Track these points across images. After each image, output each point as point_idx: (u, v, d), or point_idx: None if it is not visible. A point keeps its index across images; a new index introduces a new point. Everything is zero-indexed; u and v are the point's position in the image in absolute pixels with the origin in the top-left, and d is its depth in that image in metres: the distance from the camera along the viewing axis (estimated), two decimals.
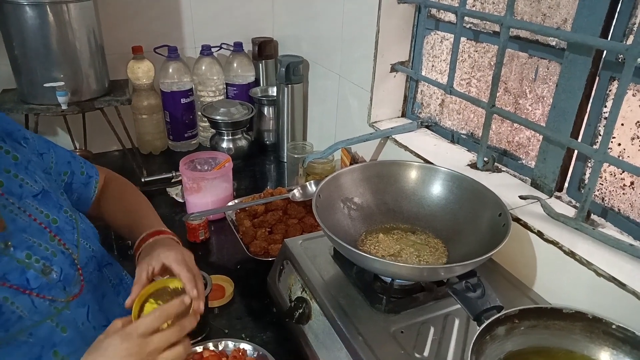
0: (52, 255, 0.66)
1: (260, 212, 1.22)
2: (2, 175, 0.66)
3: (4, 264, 0.59)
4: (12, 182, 0.67)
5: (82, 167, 0.87)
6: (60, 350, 0.61)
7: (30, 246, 0.63)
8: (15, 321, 0.57)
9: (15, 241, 0.62)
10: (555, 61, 0.94)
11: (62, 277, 0.66)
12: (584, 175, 0.92)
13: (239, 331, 0.95)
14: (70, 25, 1.29)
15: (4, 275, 0.59)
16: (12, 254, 0.61)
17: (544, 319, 0.68)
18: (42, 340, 0.60)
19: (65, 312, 0.64)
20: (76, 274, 0.69)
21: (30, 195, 0.69)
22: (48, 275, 0.64)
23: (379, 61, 1.26)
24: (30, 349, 0.58)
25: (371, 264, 0.76)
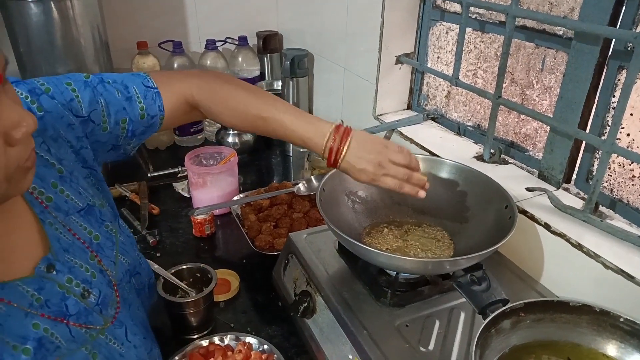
0: (91, 276, 0.63)
1: (265, 206, 1.22)
2: (50, 190, 0.63)
3: (47, 290, 0.57)
4: (59, 197, 0.64)
5: (141, 110, 0.77)
6: None
7: (71, 268, 0.61)
8: (53, 351, 0.55)
9: (59, 265, 0.60)
10: (562, 51, 0.93)
11: (100, 301, 0.63)
12: (592, 166, 0.90)
13: (244, 325, 0.95)
14: (74, 21, 1.29)
15: (46, 303, 0.56)
16: (54, 278, 0.59)
17: (550, 312, 0.67)
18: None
19: (100, 337, 0.62)
20: (113, 294, 0.67)
21: (75, 212, 0.66)
22: (86, 299, 0.62)
23: (384, 53, 1.25)
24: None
25: (376, 257, 0.76)
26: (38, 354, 0.54)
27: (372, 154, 0.77)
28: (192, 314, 0.90)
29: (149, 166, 1.50)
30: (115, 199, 1.33)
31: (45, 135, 0.64)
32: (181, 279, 0.95)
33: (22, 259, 0.57)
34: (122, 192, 1.35)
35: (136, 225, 1.23)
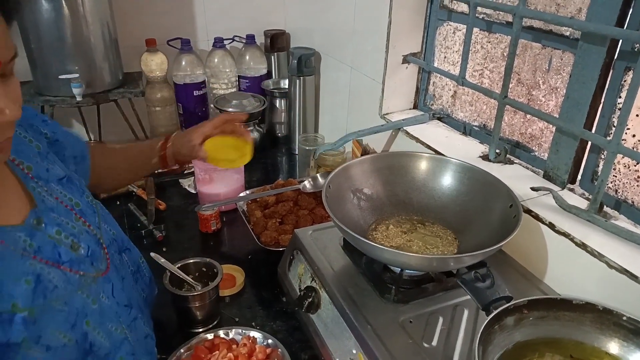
0: (79, 233, 0.69)
1: (271, 203, 1.22)
2: (30, 160, 0.69)
3: (38, 238, 0.62)
4: (39, 167, 0.70)
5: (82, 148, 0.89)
6: (91, 321, 0.64)
7: (59, 224, 0.66)
8: (52, 290, 0.60)
9: (46, 219, 0.65)
10: (569, 51, 0.93)
11: (89, 254, 0.68)
12: (597, 167, 0.91)
13: (249, 320, 0.96)
14: (84, 18, 1.30)
15: (39, 249, 0.61)
16: (44, 230, 0.63)
17: (553, 310, 0.68)
18: (76, 309, 0.62)
19: (93, 285, 0.67)
20: (102, 252, 0.72)
21: (56, 179, 0.72)
22: (77, 250, 0.66)
23: (391, 53, 1.25)
24: (67, 318, 0.61)
25: (380, 253, 0.77)
26: (38, 287, 0.58)
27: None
28: (198, 308, 0.91)
29: None
30: (122, 195, 1.36)
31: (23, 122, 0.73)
32: (187, 273, 0.96)
33: (11, 212, 0.62)
34: (129, 188, 1.37)
35: (143, 220, 1.25)
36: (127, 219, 1.26)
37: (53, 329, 0.58)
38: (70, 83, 1.30)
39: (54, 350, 0.58)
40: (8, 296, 0.55)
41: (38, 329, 0.57)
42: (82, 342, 0.62)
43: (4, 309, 0.54)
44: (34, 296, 0.57)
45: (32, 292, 0.57)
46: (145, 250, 1.10)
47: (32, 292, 0.57)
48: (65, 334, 0.60)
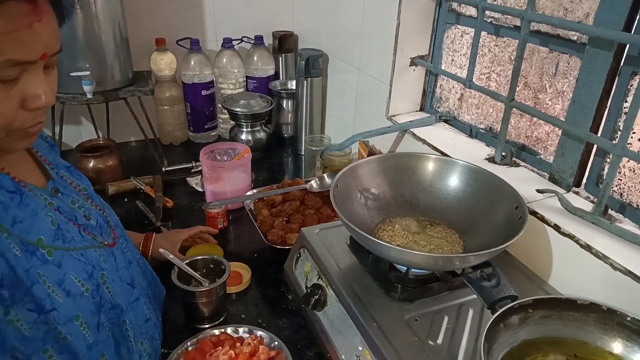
0: (88, 209, 0.75)
1: (278, 202, 1.24)
2: (40, 149, 0.76)
3: (57, 201, 0.68)
4: (48, 155, 0.76)
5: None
6: (105, 273, 0.69)
7: (71, 196, 0.73)
8: (69, 240, 0.66)
9: (63, 189, 0.71)
10: (576, 56, 0.94)
11: (98, 225, 0.75)
12: (602, 170, 0.92)
13: (255, 317, 0.97)
14: (96, 17, 1.32)
15: (58, 208, 0.67)
16: (60, 198, 0.70)
17: (558, 310, 0.68)
18: (92, 262, 0.67)
19: (104, 249, 0.72)
20: (109, 228, 0.78)
21: (64, 167, 0.78)
22: (89, 220, 0.73)
23: (399, 55, 1.26)
24: (84, 267, 0.66)
25: (387, 252, 0.77)
26: (59, 232, 0.64)
27: None
28: (205, 304, 0.92)
29: (164, 161, 1.53)
30: (130, 192, 1.38)
31: None
32: (195, 269, 0.97)
33: (33, 176, 0.69)
34: (137, 185, 1.38)
35: (150, 217, 1.26)
36: (135, 216, 1.28)
37: (72, 275, 0.63)
38: (81, 80, 1.31)
39: (73, 297, 0.62)
40: (37, 230, 0.61)
41: (62, 272, 0.62)
42: (96, 294, 0.66)
43: (32, 239, 0.60)
44: (55, 237, 0.63)
45: (54, 233, 0.63)
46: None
47: (54, 233, 0.63)
48: (83, 283, 0.64)
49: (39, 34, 0.55)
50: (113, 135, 1.65)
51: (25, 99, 0.57)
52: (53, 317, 0.59)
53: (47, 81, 0.59)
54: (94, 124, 1.64)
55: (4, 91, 0.55)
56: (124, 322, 0.71)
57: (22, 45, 0.54)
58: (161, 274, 0.94)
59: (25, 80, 0.56)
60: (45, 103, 0.58)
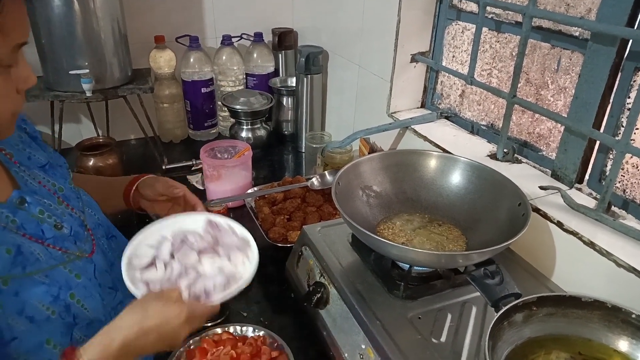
0: (61, 214, 0.71)
1: (279, 199, 1.23)
2: (12, 148, 0.73)
3: (21, 216, 0.64)
4: (21, 154, 0.73)
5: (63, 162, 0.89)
6: (76, 293, 0.66)
7: (42, 204, 0.68)
8: (33, 262, 0.62)
9: (29, 199, 0.67)
10: (578, 52, 0.93)
11: (72, 233, 0.71)
12: (605, 166, 0.91)
13: (257, 315, 0.97)
14: (95, 14, 1.31)
15: (22, 225, 0.64)
16: (27, 209, 0.66)
17: (562, 307, 0.68)
18: (58, 282, 0.64)
19: (77, 262, 0.69)
20: (86, 233, 0.74)
21: (37, 166, 0.75)
22: (60, 230, 0.69)
23: (399, 52, 1.26)
24: (49, 289, 0.62)
25: (389, 249, 0.77)
26: (18, 258, 0.61)
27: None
28: None
29: (164, 159, 1.52)
30: None
31: None
32: None
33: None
34: None
35: (151, 216, 1.25)
36: (136, 214, 1.27)
37: (34, 301, 0.60)
38: (80, 78, 1.30)
39: (38, 323, 0.60)
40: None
41: (20, 301, 0.59)
42: (66, 315, 0.63)
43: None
44: (12, 266, 0.60)
45: (10, 261, 0.60)
46: None
47: (11, 261, 0.60)
48: (48, 306, 0.61)
49: (24, 13, 0.57)
50: (113, 134, 1.65)
51: (18, 83, 0.59)
52: (15, 347, 0.57)
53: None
54: (93, 122, 1.63)
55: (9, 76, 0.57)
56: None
57: (21, 27, 0.56)
58: None
59: (18, 64, 0.58)
60: (34, 83, 0.61)
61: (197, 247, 0.79)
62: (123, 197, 0.95)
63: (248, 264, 0.79)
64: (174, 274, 0.76)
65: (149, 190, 0.94)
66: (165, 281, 0.73)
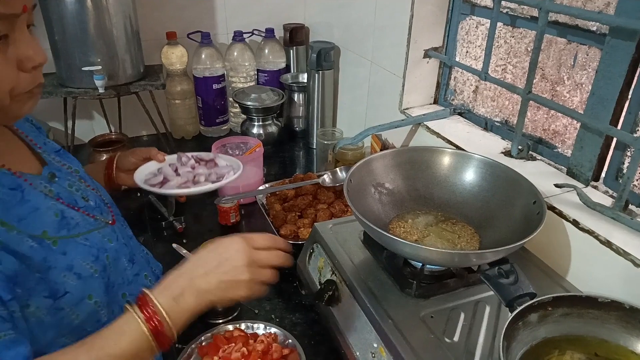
0: (84, 189, 0.76)
1: (290, 196, 1.23)
2: (30, 133, 0.77)
3: (56, 187, 0.70)
4: (38, 139, 0.77)
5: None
6: (110, 255, 0.72)
7: (67, 179, 0.74)
8: (73, 226, 0.68)
9: (58, 174, 0.73)
10: (595, 47, 0.92)
11: (96, 205, 0.77)
12: (622, 164, 0.89)
13: (268, 312, 0.97)
14: (107, 11, 1.31)
15: (57, 194, 0.69)
16: (58, 182, 0.71)
17: (578, 307, 0.67)
18: (96, 244, 0.70)
19: (106, 229, 0.74)
20: (106, 207, 0.80)
21: (53, 151, 0.79)
22: (87, 201, 0.75)
23: (412, 47, 1.25)
24: (89, 250, 0.68)
25: (402, 248, 0.76)
26: (63, 221, 0.67)
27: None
28: None
29: None
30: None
31: None
32: None
33: (28, 164, 0.71)
34: None
35: (163, 212, 1.26)
36: (148, 211, 1.28)
37: (80, 259, 0.66)
38: (92, 75, 1.31)
39: (85, 279, 0.66)
40: (40, 224, 0.63)
41: (69, 259, 0.64)
42: (104, 274, 0.69)
43: (37, 233, 0.62)
44: (59, 228, 0.66)
45: (57, 224, 0.66)
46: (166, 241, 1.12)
47: (58, 224, 0.66)
48: (91, 265, 0.67)
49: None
50: (125, 130, 1.66)
51: (20, 60, 0.59)
52: (67, 300, 0.62)
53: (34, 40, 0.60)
54: (106, 119, 1.64)
55: (1, 54, 0.56)
56: (123, 295, 0.74)
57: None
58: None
59: (17, 41, 0.58)
60: (41, 60, 0.61)
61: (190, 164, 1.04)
62: (105, 179, 1.01)
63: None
64: (190, 175, 1.01)
65: (126, 162, 1.02)
66: (185, 180, 0.98)
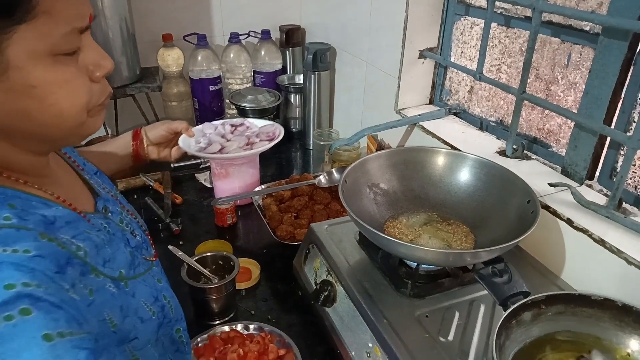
0: (130, 222, 0.71)
1: (286, 197, 1.23)
2: (73, 154, 0.72)
3: (112, 227, 0.64)
4: (79, 160, 0.73)
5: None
6: (166, 294, 0.67)
7: (118, 213, 0.69)
8: (137, 266, 0.63)
9: (111, 207, 0.68)
10: (588, 46, 0.92)
11: (142, 241, 0.71)
12: (616, 163, 0.90)
13: (264, 313, 0.97)
14: (103, 14, 1.32)
15: (114, 234, 0.63)
16: (111, 219, 0.66)
17: (571, 306, 0.67)
18: (153, 285, 0.65)
19: (154, 268, 0.69)
20: (147, 238, 0.75)
21: (92, 173, 0.74)
22: (135, 238, 0.69)
23: (407, 47, 1.25)
24: (150, 291, 0.63)
25: (397, 248, 0.77)
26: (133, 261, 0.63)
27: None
28: (215, 300, 0.92)
29: None
30: (138, 188, 1.38)
31: None
32: (204, 266, 0.97)
33: (84, 199, 0.65)
34: (146, 182, 1.38)
35: (160, 214, 1.26)
36: (144, 213, 1.28)
37: (143, 302, 0.61)
38: None
39: (146, 322, 0.60)
40: (118, 264, 0.59)
41: (136, 302, 0.60)
42: (161, 315, 0.64)
43: (115, 275, 0.57)
44: (129, 269, 0.61)
45: (129, 264, 0.61)
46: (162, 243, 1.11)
47: (129, 264, 0.61)
48: (150, 307, 0.62)
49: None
50: (121, 132, 1.65)
51: (91, 70, 0.54)
52: (133, 345, 0.58)
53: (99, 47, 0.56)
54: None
55: (73, 65, 0.51)
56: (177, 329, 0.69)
57: (78, 9, 0.50)
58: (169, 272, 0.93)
59: (85, 51, 0.53)
60: (110, 67, 0.56)
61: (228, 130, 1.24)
62: (133, 153, 1.01)
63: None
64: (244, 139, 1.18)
65: (157, 135, 1.04)
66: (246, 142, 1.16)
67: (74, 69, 0.51)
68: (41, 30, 0.46)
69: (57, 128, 0.53)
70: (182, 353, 0.71)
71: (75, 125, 0.54)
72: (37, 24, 0.46)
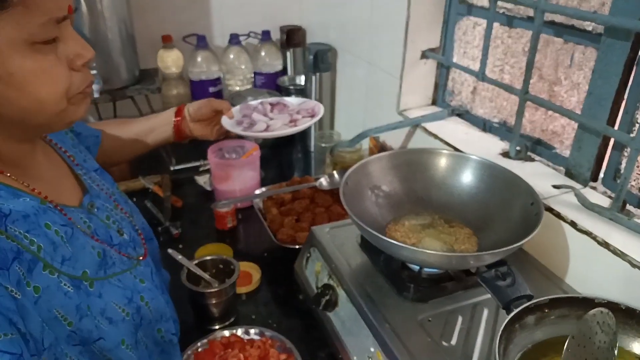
0: (120, 220, 0.72)
1: (287, 200, 1.22)
2: (71, 150, 0.73)
3: (94, 222, 0.65)
4: (78, 156, 0.74)
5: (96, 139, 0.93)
6: (145, 296, 0.67)
7: (106, 209, 0.70)
8: (110, 266, 0.64)
9: (97, 204, 0.69)
10: (591, 46, 0.91)
11: (130, 239, 0.72)
12: (620, 164, 0.89)
13: (265, 317, 0.96)
14: (102, 15, 1.31)
15: (95, 231, 0.65)
16: (96, 214, 0.67)
17: (575, 309, 0.66)
18: (129, 286, 0.66)
19: (139, 267, 0.70)
20: (139, 237, 0.76)
21: (92, 170, 0.76)
22: (122, 236, 0.70)
23: (409, 48, 1.24)
24: (123, 292, 0.64)
25: (399, 251, 0.76)
26: (103, 261, 0.63)
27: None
28: (215, 305, 0.92)
29: (172, 159, 1.52)
30: (138, 191, 1.37)
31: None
32: (204, 270, 0.96)
33: (69, 194, 0.67)
34: (146, 185, 1.37)
35: (159, 217, 1.25)
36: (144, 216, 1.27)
37: (113, 303, 0.62)
38: None
39: (115, 323, 0.61)
40: (82, 264, 0.59)
41: (103, 302, 0.60)
42: (136, 316, 0.65)
43: (77, 274, 0.58)
44: (98, 269, 0.61)
45: (98, 265, 0.61)
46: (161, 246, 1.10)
47: (98, 265, 0.61)
48: (123, 308, 0.63)
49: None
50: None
51: (71, 59, 0.56)
52: (100, 346, 0.59)
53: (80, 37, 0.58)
54: None
55: (52, 54, 0.53)
56: (158, 330, 0.70)
57: (56, 1, 0.52)
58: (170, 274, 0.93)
59: (65, 40, 0.55)
60: (90, 56, 0.57)
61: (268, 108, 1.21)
62: (174, 129, 1.05)
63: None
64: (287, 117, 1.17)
65: (200, 113, 1.06)
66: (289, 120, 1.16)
67: (52, 57, 0.53)
68: (17, 20, 0.48)
69: (37, 114, 0.55)
70: (168, 354, 0.72)
71: (55, 112, 0.56)
72: (13, 13, 0.48)
